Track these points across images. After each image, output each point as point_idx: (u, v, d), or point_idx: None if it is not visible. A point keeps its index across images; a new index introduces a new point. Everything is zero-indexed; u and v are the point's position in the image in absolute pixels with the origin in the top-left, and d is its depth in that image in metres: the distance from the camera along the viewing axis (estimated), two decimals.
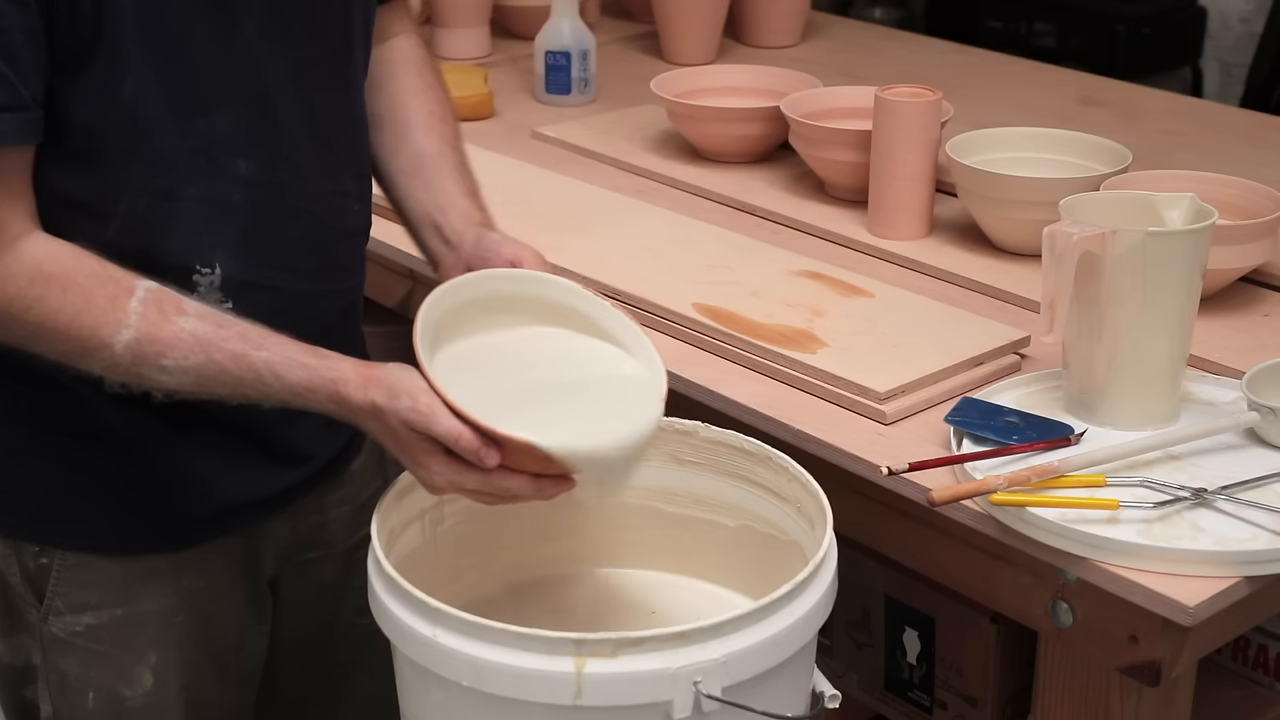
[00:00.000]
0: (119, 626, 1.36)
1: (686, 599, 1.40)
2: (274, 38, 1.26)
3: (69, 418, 1.30)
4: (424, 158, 1.42)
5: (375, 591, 1.20)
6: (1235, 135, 2.20)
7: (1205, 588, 1.23)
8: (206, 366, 1.18)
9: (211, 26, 1.22)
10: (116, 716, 1.38)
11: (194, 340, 1.18)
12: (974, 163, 1.82)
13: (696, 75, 2.24)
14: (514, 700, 1.11)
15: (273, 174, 1.28)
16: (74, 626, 1.36)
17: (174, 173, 1.23)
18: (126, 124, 1.20)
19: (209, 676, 1.42)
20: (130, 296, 1.17)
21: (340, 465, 1.48)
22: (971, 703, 1.58)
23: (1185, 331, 1.42)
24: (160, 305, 1.18)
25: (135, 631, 1.37)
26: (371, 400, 1.17)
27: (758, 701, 1.14)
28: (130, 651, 1.37)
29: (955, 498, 1.31)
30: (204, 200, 1.25)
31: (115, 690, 1.37)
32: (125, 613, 1.36)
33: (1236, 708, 1.64)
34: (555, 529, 1.42)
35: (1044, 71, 2.59)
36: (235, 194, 1.26)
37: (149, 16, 1.18)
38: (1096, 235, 1.36)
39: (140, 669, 1.37)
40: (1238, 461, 1.37)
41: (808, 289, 1.69)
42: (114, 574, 1.35)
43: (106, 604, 1.35)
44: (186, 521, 1.36)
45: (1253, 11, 3.73)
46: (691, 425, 1.37)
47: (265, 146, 1.27)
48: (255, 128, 1.26)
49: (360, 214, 1.40)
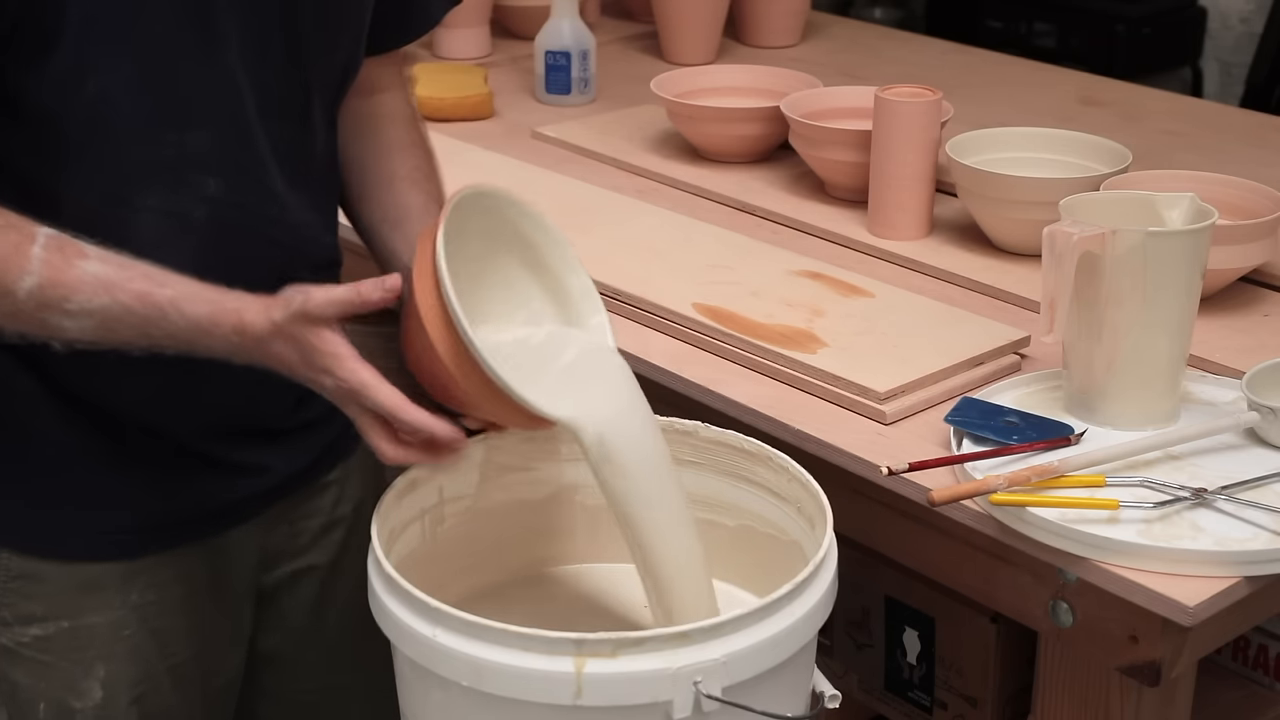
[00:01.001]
0: (66, 638, 1.35)
1: None
2: (255, 64, 1.25)
3: (6, 406, 1.30)
4: (409, 210, 1.39)
5: (375, 591, 1.20)
6: (1235, 135, 2.20)
7: (1205, 588, 1.23)
8: (111, 308, 1.16)
9: (195, 44, 1.21)
10: None
11: (97, 282, 1.16)
12: (974, 163, 1.82)
13: (696, 75, 2.24)
14: (514, 700, 1.11)
15: (241, 197, 1.27)
16: (21, 637, 1.35)
17: (134, 181, 1.22)
18: (86, 122, 1.19)
19: (166, 692, 1.41)
20: (32, 243, 1.16)
21: (309, 477, 1.46)
22: (971, 703, 1.58)
23: (1185, 331, 1.42)
24: (62, 250, 1.16)
25: (83, 644, 1.36)
26: (270, 318, 1.16)
27: (758, 701, 1.14)
28: (78, 665, 1.36)
29: (955, 498, 1.31)
30: (163, 213, 1.23)
31: (65, 702, 1.36)
32: (71, 625, 1.35)
33: (1236, 708, 1.64)
34: (556, 528, 1.42)
35: (1044, 71, 2.59)
36: (198, 211, 1.24)
37: (120, 21, 1.17)
38: (1096, 235, 1.36)
39: (89, 682, 1.36)
40: (1238, 461, 1.37)
41: (808, 289, 1.69)
42: (60, 585, 1.34)
43: (53, 616, 1.35)
44: (126, 532, 1.35)
45: (1253, 11, 3.73)
46: (691, 425, 1.37)
47: (238, 169, 1.26)
48: (229, 150, 1.25)
49: (330, 245, 1.39)
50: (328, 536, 1.49)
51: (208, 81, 1.23)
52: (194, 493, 1.37)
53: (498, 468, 1.38)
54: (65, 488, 1.33)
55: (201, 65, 1.22)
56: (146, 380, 1.29)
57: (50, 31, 1.15)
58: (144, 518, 1.35)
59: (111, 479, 1.33)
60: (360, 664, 1.49)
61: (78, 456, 1.32)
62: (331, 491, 1.49)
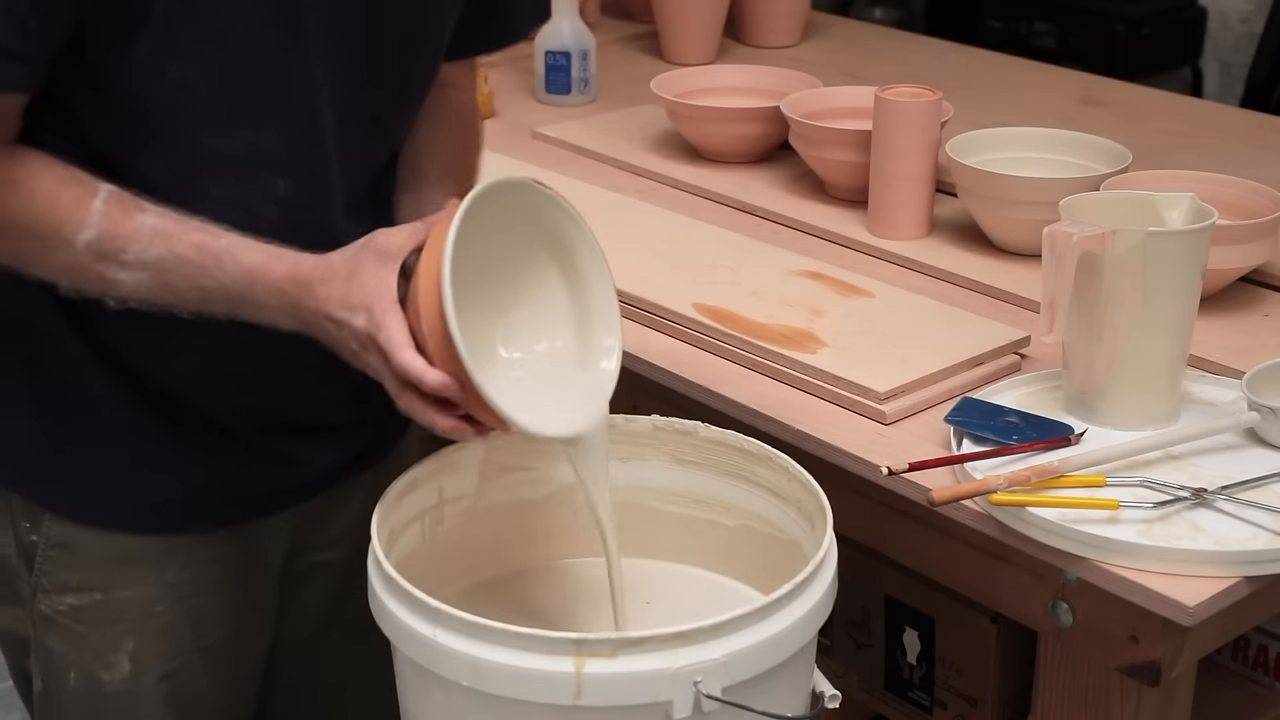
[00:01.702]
0: (98, 610, 1.36)
1: (685, 587, 1.40)
2: (336, 72, 1.26)
3: (59, 369, 1.31)
4: (424, 206, 1.39)
5: (375, 591, 1.20)
6: (1235, 135, 2.20)
7: (1205, 588, 1.23)
8: (166, 258, 1.19)
9: (278, 43, 1.22)
10: (95, 699, 1.39)
11: (154, 233, 1.19)
12: (974, 163, 1.82)
13: (696, 75, 2.24)
14: (514, 700, 1.11)
15: (310, 199, 1.28)
16: (58, 605, 1.37)
17: (205, 171, 1.24)
18: (165, 107, 1.20)
19: (198, 672, 1.42)
20: (94, 197, 1.18)
21: (344, 474, 1.46)
22: (971, 703, 1.58)
23: (1185, 331, 1.42)
24: (122, 204, 1.19)
25: (114, 617, 1.37)
26: (328, 259, 1.18)
27: (758, 701, 1.14)
28: (108, 637, 1.37)
29: (955, 498, 1.31)
30: (230, 204, 1.24)
31: (94, 673, 1.38)
32: (105, 598, 1.36)
33: (1236, 708, 1.64)
34: (556, 528, 1.42)
35: (1044, 71, 2.59)
36: (268, 210, 1.26)
37: (206, 11, 1.18)
38: (1096, 235, 1.36)
39: (118, 655, 1.37)
40: (1238, 461, 1.37)
41: (808, 289, 1.69)
42: (96, 557, 1.35)
43: (87, 587, 1.36)
44: (170, 505, 1.36)
45: (1253, 11, 3.73)
46: (691, 425, 1.37)
47: (308, 171, 1.27)
48: (298, 151, 1.26)
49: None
50: (350, 536, 1.49)
51: (287, 82, 1.24)
52: (240, 476, 1.38)
53: (498, 467, 1.38)
54: (114, 457, 1.34)
55: (283, 66, 1.23)
56: (203, 363, 1.31)
57: (136, 16, 1.17)
58: (191, 492, 1.36)
59: (165, 450, 1.34)
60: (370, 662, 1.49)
61: (130, 428, 1.33)
62: (363, 491, 1.49)
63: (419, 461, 1.33)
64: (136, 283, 1.20)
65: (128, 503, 1.35)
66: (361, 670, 1.51)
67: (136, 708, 1.40)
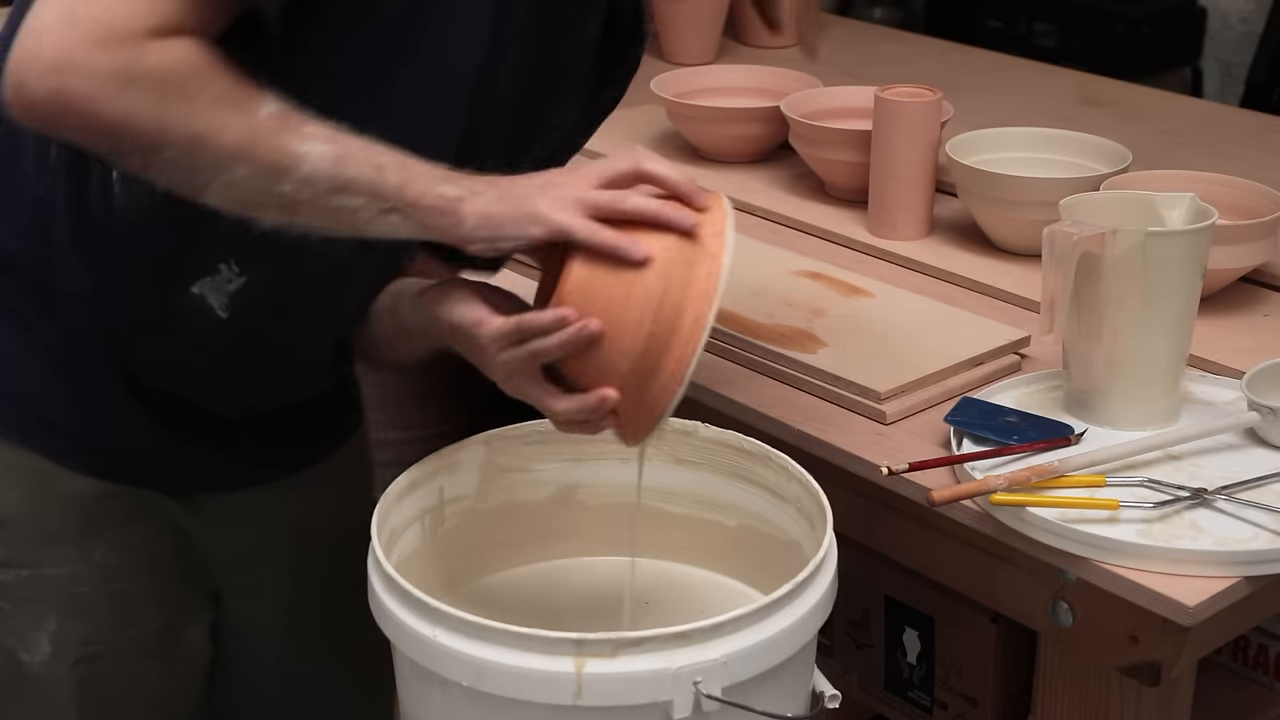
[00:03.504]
0: (22, 587, 1.35)
1: (684, 587, 1.40)
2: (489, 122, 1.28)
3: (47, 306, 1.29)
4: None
5: (375, 591, 1.20)
6: (1235, 135, 2.20)
7: (1205, 588, 1.23)
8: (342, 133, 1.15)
9: (434, 99, 1.23)
10: (15, 677, 1.37)
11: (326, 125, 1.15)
12: (974, 163, 1.82)
13: (696, 75, 2.24)
14: (514, 700, 1.11)
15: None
16: None
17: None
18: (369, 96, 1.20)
19: (127, 659, 1.39)
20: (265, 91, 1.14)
21: (291, 468, 1.43)
22: (971, 703, 1.58)
23: (1185, 331, 1.42)
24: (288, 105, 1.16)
25: (37, 595, 1.35)
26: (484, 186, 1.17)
27: (758, 701, 1.14)
28: (30, 616, 1.35)
29: (955, 498, 1.31)
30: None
31: (14, 653, 1.36)
32: (30, 574, 1.34)
33: (1236, 708, 1.64)
34: (556, 529, 1.42)
35: (1044, 71, 2.59)
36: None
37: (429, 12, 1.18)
38: (1096, 235, 1.36)
39: (39, 635, 1.35)
40: (1238, 461, 1.37)
41: (808, 289, 1.69)
42: (24, 533, 1.33)
43: (14, 562, 1.34)
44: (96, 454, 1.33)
45: (1253, 11, 3.73)
46: (691, 425, 1.37)
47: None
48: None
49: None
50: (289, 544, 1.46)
51: (431, 126, 1.23)
52: (178, 445, 1.35)
53: (498, 468, 1.38)
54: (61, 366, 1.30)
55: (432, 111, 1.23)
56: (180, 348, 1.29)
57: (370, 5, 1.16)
58: (119, 442, 1.33)
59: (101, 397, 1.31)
60: (330, 658, 1.49)
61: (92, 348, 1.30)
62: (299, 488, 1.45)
63: (419, 461, 1.33)
64: (319, 156, 1.13)
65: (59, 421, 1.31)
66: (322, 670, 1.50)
67: (53, 690, 1.37)
